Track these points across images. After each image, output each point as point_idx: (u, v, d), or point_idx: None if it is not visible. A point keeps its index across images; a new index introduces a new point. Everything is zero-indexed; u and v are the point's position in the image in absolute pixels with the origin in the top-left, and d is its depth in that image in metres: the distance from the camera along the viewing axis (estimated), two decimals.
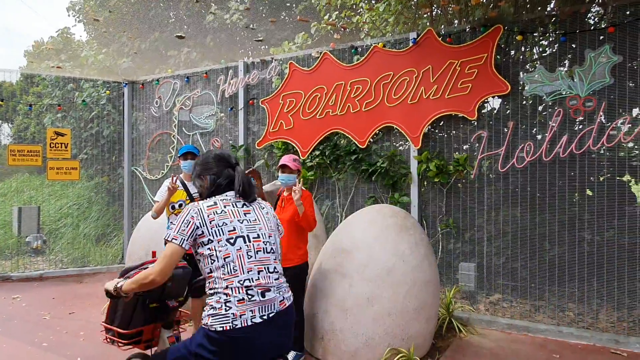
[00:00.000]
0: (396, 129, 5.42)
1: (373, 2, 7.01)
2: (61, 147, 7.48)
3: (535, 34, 4.94)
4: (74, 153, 8.62)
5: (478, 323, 4.80)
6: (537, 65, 4.84)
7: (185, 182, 4.39)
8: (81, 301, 5.90)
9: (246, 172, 4.48)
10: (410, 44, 5.31)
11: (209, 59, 7.19)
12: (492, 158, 4.98)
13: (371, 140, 5.60)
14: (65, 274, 7.36)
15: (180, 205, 4.32)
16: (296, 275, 3.86)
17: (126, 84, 7.98)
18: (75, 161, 7.63)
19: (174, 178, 4.18)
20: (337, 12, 7.63)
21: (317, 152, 5.95)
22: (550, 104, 4.74)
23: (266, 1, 9.54)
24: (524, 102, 4.90)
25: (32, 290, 6.46)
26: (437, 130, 5.35)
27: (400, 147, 5.54)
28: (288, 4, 9.98)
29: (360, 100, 5.62)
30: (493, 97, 4.91)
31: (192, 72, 7.30)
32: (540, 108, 4.90)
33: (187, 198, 4.32)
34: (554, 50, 4.94)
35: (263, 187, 4.83)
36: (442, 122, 5.28)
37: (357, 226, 4.19)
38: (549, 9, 5.76)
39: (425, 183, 5.35)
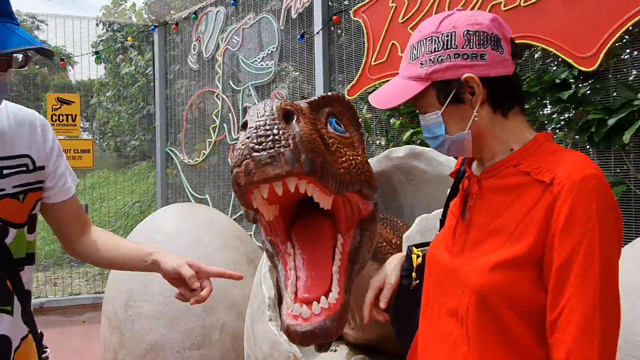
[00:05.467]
0: None
1: None
2: (67, 121, 5.20)
3: None
4: (127, 140, 6.60)
5: None
6: None
7: None
8: None
9: None
10: None
11: None
12: None
13: (605, 57, 2.43)
14: (74, 304, 5.07)
15: None
16: None
17: (155, 26, 5.50)
18: (88, 141, 5.33)
19: None
20: None
21: None
22: None
23: None
24: None
25: None
26: None
27: None
28: None
29: None
30: None
31: None
32: None
33: None
34: None
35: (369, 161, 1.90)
36: None
37: None
38: None
39: None
